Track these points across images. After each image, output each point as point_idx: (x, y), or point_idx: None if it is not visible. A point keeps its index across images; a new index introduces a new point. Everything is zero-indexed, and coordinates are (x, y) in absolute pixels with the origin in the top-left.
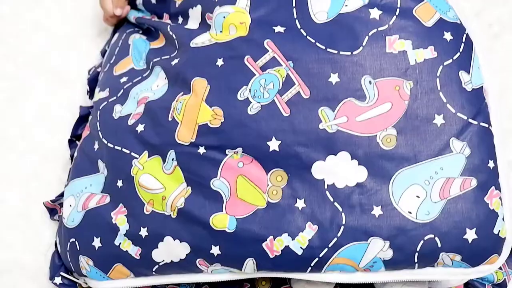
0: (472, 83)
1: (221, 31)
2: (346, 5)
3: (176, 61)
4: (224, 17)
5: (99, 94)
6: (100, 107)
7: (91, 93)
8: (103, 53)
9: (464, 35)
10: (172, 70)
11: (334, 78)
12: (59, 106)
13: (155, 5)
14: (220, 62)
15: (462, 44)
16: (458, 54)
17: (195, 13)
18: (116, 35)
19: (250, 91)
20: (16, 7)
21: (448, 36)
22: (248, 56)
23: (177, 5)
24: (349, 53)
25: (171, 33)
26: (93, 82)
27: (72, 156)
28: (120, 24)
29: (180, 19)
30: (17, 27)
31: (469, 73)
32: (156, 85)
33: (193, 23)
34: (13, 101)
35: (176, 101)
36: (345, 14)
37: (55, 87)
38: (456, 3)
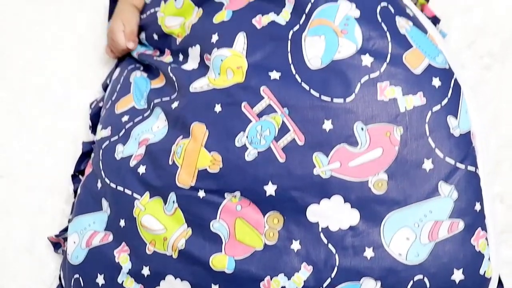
0: (460, 128)
1: (219, 74)
2: (339, 52)
3: (176, 104)
4: (221, 60)
5: (101, 132)
6: (103, 146)
7: (93, 128)
8: (104, 86)
9: (452, 80)
10: (172, 113)
11: (327, 125)
12: (61, 139)
13: (157, 41)
14: (218, 108)
15: (450, 90)
16: (446, 99)
17: (194, 52)
18: (118, 69)
19: (247, 137)
20: (20, 42)
21: (436, 82)
22: (245, 103)
23: (177, 43)
24: (342, 100)
25: (171, 74)
26: (95, 117)
27: (75, 191)
28: (122, 57)
29: (181, 57)
30: (20, 59)
31: (457, 118)
32: (156, 126)
33: (193, 62)
34: (17, 134)
35: (176, 144)
36: (339, 61)
37: (57, 120)
38: (448, 36)
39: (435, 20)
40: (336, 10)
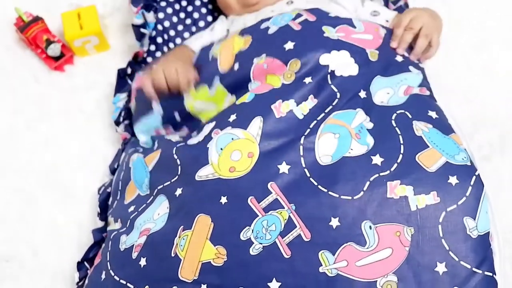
0: (478, 229)
1: (221, 149)
2: (350, 152)
3: (179, 191)
4: (232, 139)
5: (114, 225)
6: (112, 237)
7: (101, 215)
8: (112, 169)
9: (474, 178)
10: (176, 201)
11: (334, 222)
12: (67, 223)
13: (177, 120)
14: (224, 200)
15: (470, 188)
16: (464, 198)
17: (208, 127)
18: (123, 154)
19: (252, 231)
20: (28, 121)
21: (453, 180)
22: (251, 197)
23: (201, 124)
24: (350, 197)
25: (175, 156)
26: (103, 203)
27: (80, 279)
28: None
29: (195, 133)
30: (28, 141)
31: (475, 219)
32: (157, 213)
33: (201, 135)
34: (22, 217)
35: (179, 237)
36: (348, 158)
37: (63, 204)
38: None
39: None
40: (353, 116)
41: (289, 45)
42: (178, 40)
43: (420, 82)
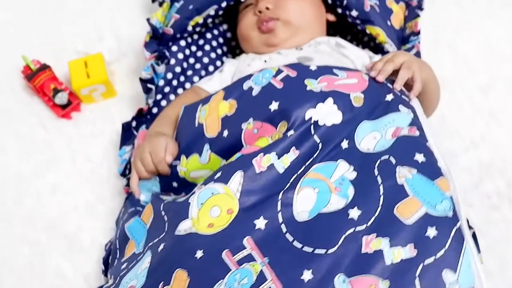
0: (460, 284)
1: (201, 204)
2: (328, 207)
3: (162, 246)
4: (212, 193)
5: (109, 282)
6: None
7: (105, 272)
8: (117, 222)
9: (454, 229)
10: (157, 256)
11: (307, 275)
12: (74, 275)
13: (175, 187)
14: (199, 253)
15: (449, 240)
16: (443, 251)
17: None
18: (122, 210)
19: (225, 285)
20: (36, 168)
21: (432, 232)
22: (226, 250)
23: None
24: (323, 251)
25: (163, 213)
26: (107, 261)
27: None
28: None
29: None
30: (35, 188)
31: (455, 272)
32: (140, 268)
33: (189, 195)
34: (31, 268)
35: None
36: (325, 214)
37: (71, 254)
38: (455, 175)
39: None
40: (334, 168)
41: (274, 106)
42: (187, 85)
43: (410, 121)
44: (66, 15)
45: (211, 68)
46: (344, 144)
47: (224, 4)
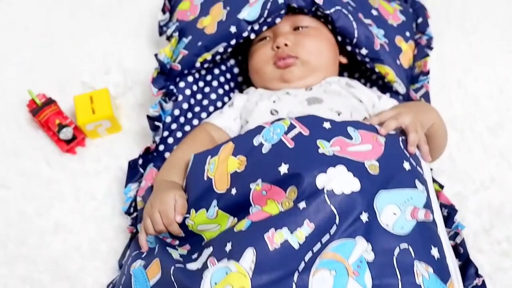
0: None
1: (216, 283)
2: None
3: None
4: (226, 273)
5: None
6: None
7: None
8: (120, 265)
9: None
10: None
11: None
12: None
13: (182, 237)
14: None
15: None
16: None
17: (206, 252)
18: (127, 252)
19: None
20: (39, 206)
21: None
22: None
23: (203, 243)
24: None
25: (173, 278)
26: None
27: None
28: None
29: (196, 255)
30: (39, 227)
31: None
32: None
33: (200, 262)
34: None
35: None
36: None
37: None
38: (464, 220)
39: (451, 210)
40: (352, 247)
41: (284, 168)
42: (195, 122)
43: (425, 202)
44: (72, 47)
45: (219, 104)
46: (364, 217)
47: (233, 42)
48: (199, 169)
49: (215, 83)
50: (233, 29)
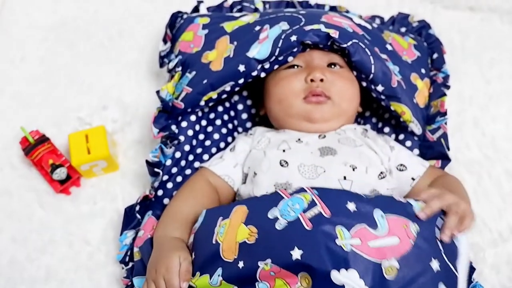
0: None
1: None
2: None
3: None
4: None
5: None
6: None
7: None
8: None
9: None
10: None
11: None
12: None
13: None
14: None
15: None
16: None
17: None
18: None
19: None
20: (30, 252)
21: None
22: None
23: None
24: None
25: None
26: None
27: None
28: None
29: None
30: (29, 275)
31: None
32: None
33: None
34: None
35: None
36: None
37: None
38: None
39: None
40: None
41: (296, 254)
42: (196, 164)
43: None
44: (69, 80)
45: (222, 145)
46: None
47: (242, 81)
48: (209, 229)
49: (218, 122)
50: (241, 67)
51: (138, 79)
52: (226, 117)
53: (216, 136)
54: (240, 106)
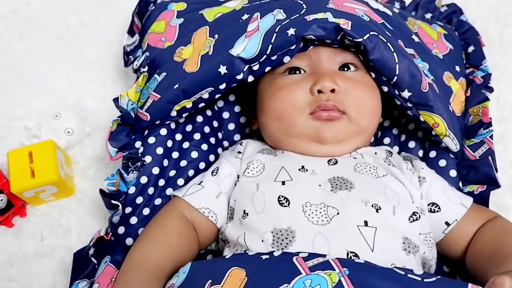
0: None
1: None
2: None
3: None
4: None
5: None
6: None
7: None
8: None
9: None
10: None
11: None
12: None
13: None
14: None
15: None
16: None
17: None
18: None
19: None
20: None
21: None
22: None
23: None
24: None
25: None
26: None
27: None
28: None
29: None
30: None
31: None
32: None
33: None
34: None
35: None
36: None
37: None
38: None
39: None
40: None
41: None
42: (168, 191)
43: None
44: (16, 81)
45: (201, 165)
46: None
47: (223, 87)
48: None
49: (197, 136)
50: (223, 69)
51: (102, 80)
52: (207, 129)
53: (194, 154)
54: (225, 115)
